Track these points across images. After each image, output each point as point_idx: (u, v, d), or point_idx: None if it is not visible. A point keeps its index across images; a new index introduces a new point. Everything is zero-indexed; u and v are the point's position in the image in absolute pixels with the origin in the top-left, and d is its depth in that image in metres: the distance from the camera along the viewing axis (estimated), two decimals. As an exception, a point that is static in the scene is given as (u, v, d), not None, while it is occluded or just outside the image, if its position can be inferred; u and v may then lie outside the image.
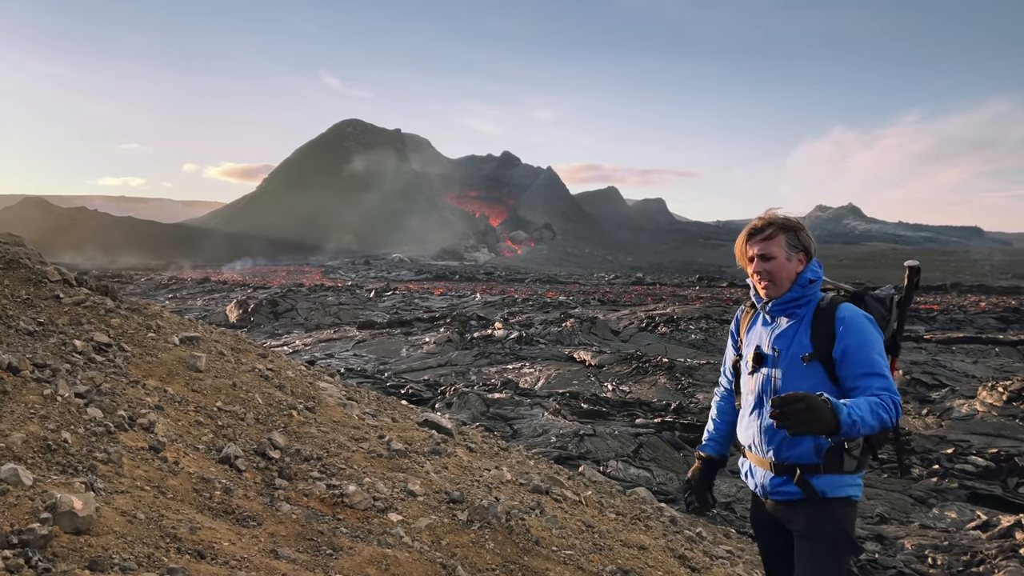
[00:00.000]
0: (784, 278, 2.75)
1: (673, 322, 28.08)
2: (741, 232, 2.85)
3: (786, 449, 2.73)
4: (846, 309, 2.69)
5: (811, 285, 2.77)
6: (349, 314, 32.29)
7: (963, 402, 15.00)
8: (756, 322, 2.94)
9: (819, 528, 2.71)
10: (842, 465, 2.69)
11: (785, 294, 2.77)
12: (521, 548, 3.66)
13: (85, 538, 2.39)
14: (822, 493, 2.69)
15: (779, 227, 2.75)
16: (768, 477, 2.81)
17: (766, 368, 2.81)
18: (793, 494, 2.75)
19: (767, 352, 2.81)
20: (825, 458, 2.68)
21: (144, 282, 48.64)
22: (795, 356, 2.72)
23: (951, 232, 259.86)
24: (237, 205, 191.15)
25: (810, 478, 2.70)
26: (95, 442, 3.24)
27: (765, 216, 2.81)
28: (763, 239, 2.75)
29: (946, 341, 24.99)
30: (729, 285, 57.81)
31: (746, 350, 2.94)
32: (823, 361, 2.68)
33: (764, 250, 2.75)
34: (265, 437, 4.24)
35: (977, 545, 7.83)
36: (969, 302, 42.63)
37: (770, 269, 2.75)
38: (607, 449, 11.13)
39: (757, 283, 2.81)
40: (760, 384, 2.82)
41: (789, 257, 2.75)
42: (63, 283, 5.99)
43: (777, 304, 2.79)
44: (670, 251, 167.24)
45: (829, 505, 2.70)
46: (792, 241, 2.75)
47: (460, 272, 79.70)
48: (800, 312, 2.77)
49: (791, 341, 2.75)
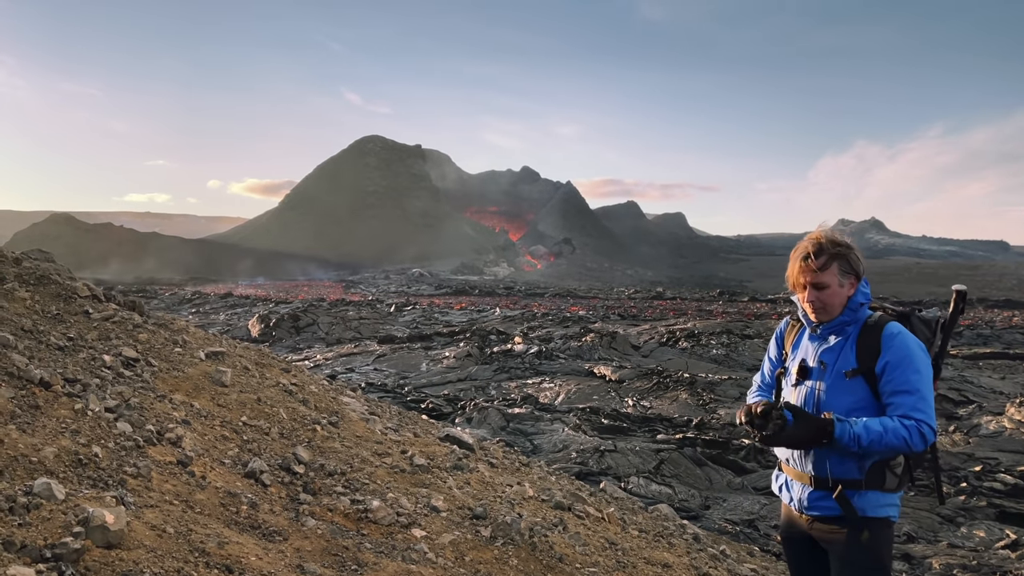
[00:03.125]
0: (836, 305, 2.77)
1: (694, 337, 27.90)
2: (794, 254, 2.81)
3: (828, 463, 2.73)
4: (894, 327, 2.71)
5: (861, 308, 2.79)
6: (370, 328, 32.44)
7: (991, 419, 14.75)
8: (803, 336, 2.95)
9: (854, 552, 2.69)
10: (884, 482, 2.70)
11: (836, 318, 2.78)
12: (544, 565, 3.65)
13: (116, 552, 2.43)
14: (861, 511, 2.69)
15: (832, 256, 2.73)
16: (807, 491, 2.80)
17: (811, 381, 2.83)
18: (831, 509, 2.74)
19: (812, 365, 2.83)
20: (867, 474, 2.68)
21: (168, 297, 49.25)
22: (839, 371, 2.74)
23: (976, 246, 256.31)
24: (259, 220, 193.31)
25: (851, 495, 2.69)
26: (125, 456, 3.29)
27: (817, 238, 2.77)
28: (818, 268, 2.73)
29: (973, 357, 24.62)
30: (751, 300, 57.40)
31: (791, 363, 2.95)
32: (866, 377, 2.69)
33: (817, 280, 2.74)
34: (290, 452, 4.27)
35: (1006, 565, 7.67)
36: (1001, 318, 41.99)
37: (823, 299, 2.76)
38: (628, 465, 11.07)
39: (808, 309, 2.81)
40: (804, 397, 2.83)
41: (842, 284, 2.75)
42: (92, 299, 6.10)
43: (827, 327, 2.81)
44: (690, 265, 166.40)
45: (868, 525, 2.68)
46: (844, 267, 2.75)
47: (480, 287, 79.82)
48: (848, 329, 2.79)
49: (837, 356, 2.77)
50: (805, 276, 2.76)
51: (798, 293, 2.84)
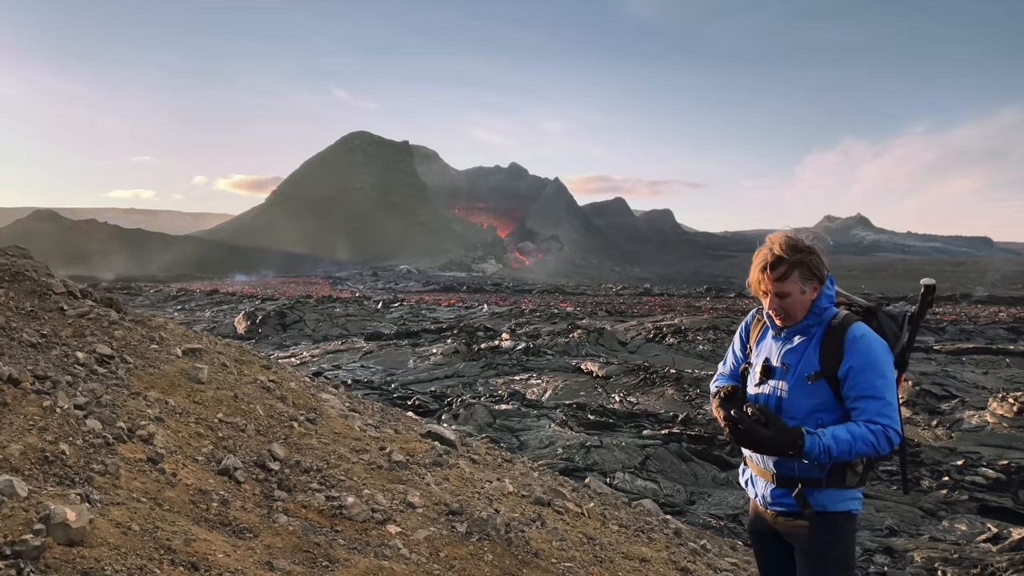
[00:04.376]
0: (799, 310, 2.76)
1: (681, 333, 27.99)
2: (755, 260, 2.79)
3: (788, 462, 2.73)
4: (857, 330, 2.69)
5: (825, 311, 2.78)
6: (357, 325, 32.34)
7: (973, 413, 14.87)
8: (767, 332, 2.94)
9: (820, 547, 2.72)
10: (844, 480, 2.72)
11: (800, 322, 2.78)
12: (520, 560, 3.63)
13: (78, 549, 2.39)
14: (822, 507, 2.71)
15: (792, 264, 2.70)
16: (769, 488, 2.82)
17: (773, 381, 2.82)
18: (794, 505, 2.76)
19: (776, 365, 2.82)
20: (828, 474, 2.69)
21: (153, 294, 48.89)
22: (802, 374, 2.74)
23: (961, 242, 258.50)
24: (246, 217, 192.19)
25: (810, 492, 2.71)
26: (93, 454, 3.24)
27: (776, 246, 2.73)
28: (777, 279, 2.71)
29: (956, 352, 24.82)
30: (737, 296, 57.68)
31: (755, 359, 2.94)
32: (829, 380, 2.69)
33: (779, 289, 2.72)
34: (265, 449, 4.23)
35: (988, 558, 7.73)
36: (987, 313, 42.35)
37: (785, 306, 2.75)
38: (614, 461, 11.07)
39: (772, 314, 2.81)
40: (766, 397, 2.83)
41: (803, 291, 2.74)
42: (67, 295, 6.02)
43: (791, 330, 2.81)
44: (678, 262, 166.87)
45: (830, 520, 2.70)
46: (805, 274, 2.72)
47: (468, 283, 79.74)
48: (813, 330, 2.78)
49: (800, 358, 2.76)
50: (766, 284, 2.75)
51: (761, 298, 2.84)
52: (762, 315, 2.98)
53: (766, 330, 2.95)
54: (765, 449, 2.63)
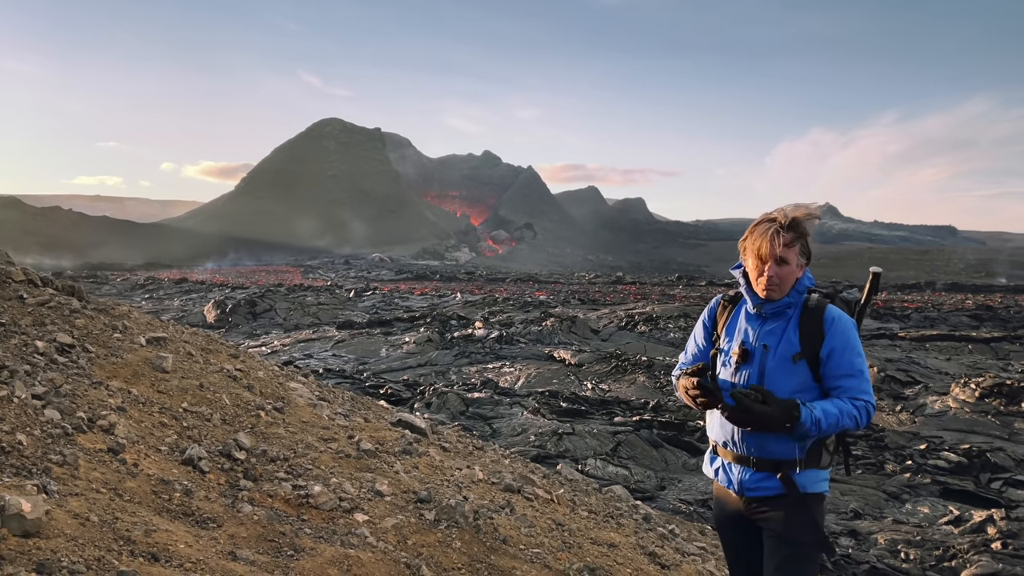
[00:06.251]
0: (789, 284, 2.78)
1: (652, 321, 28.19)
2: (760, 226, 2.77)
3: (768, 445, 2.75)
4: (833, 311, 2.76)
5: (804, 291, 2.83)
6: (328, 314, 32.09)
7: (936, 399, 15.18)
8: (738, 316, 2.93)
9: (795, 529, 2.74)
10: (820, 460, 2.78)
11: (783, 299, 2.80)
12: (488, 547, 3.63)
13: (34, 541, 2.34)
14: (802, 488, 2.75)
15: (798, 235, 2.75)
16: (747, 473, 2.82)
17: (753, 364, 2.82)
18: (772, 489, 2.78)
19: (755, 347, 2.83)
20: (807, 454, 2.75)
21: (120, 282, 48.02)
22: (784, 354, 2.76)
23: (926, 231, 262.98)
24: (215, 204, 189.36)
25: (791, 474, 2.75)
26: (51, 444, 3.18)
27: (791, 215, 2.74)
28: (786, 244, 2.72)
29: (920, 339, 25.29)
30: (708, 284, 58.18)
31: (725, 344, 2.93)
32: (809, 360, 2.73)
33: (784, 254, 2.73)
34: (231, 438, 4.18)
35: (949, 540, 7.91)
36: (954, 300, 43.15)
37: (782, 275, 2.76)
38: (586, 448, 11.14)
39: (762, 283, 2.78)
40: (745, 380, 2.82)
41: (798, 264, 2.78)
42: (28, 283, 5.88)
43: (771, 306, 2.81)
44: (650, 250, 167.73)
45: (805, 501, 2.74)
46: (803, 249, 2.79)
47: (441, 272, 79.46)
48: (789, 311, 2.81)
49: (780, 339, 2.78)
50: (772, 247, 2.73)
51: (754, 265, 2.80)
52: (728, 299, 2.99)
53: (736, 314, 2.94)
54: (765, 426, 2.63)
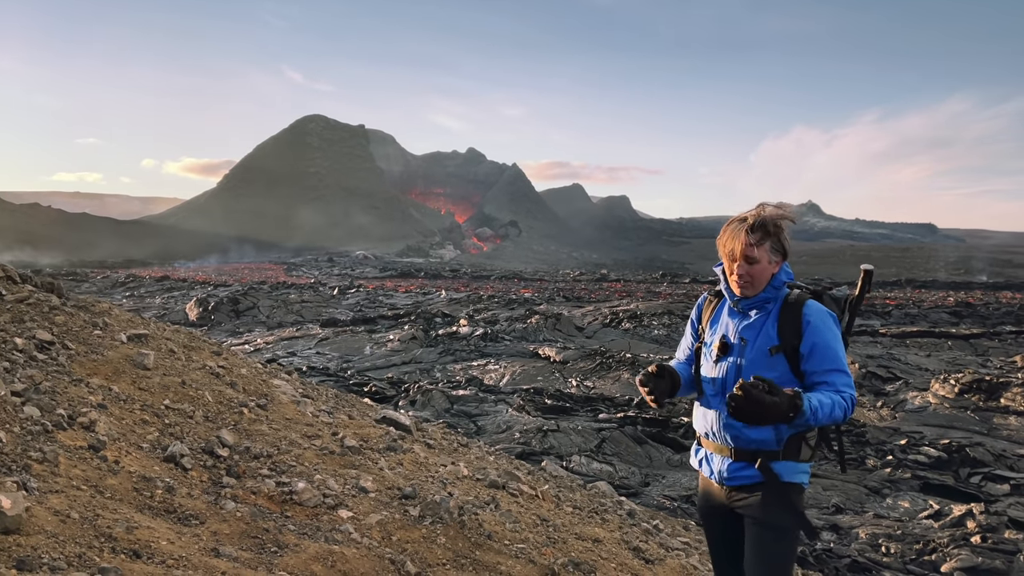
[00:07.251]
0: (762, 281, 2.81)
1: (636, 318, 28.28)
2: (731, 224, 2.83)
3: (747, 436, 2.79)
4: (813, 306, 2.79)
5: (782, 287, 2.85)
6: (312, 312, 31.95)
7: (916, 394, 15.35)
8: (721, 311, 2.99)
9: (774, 515, 2.79)
10: (799, 454, 2.80)
11: (759, 295, 2.83)
12: (473, 543, 3.63)
13: (14, 537, 2.31)
14: (780, 477, 2.78)
15: (767, 233, 2.78)
16: (727, 463, 2.87)
17: (732, 357, 2.86)
18: (751, 478, 2.82)
19: (733, 342, 2.87)
20: (785, 446, 2.78)
21: (100, 280, 47.52)
22: (762, 348, 2.80)
23: (906, 229, 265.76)
24: (198, 201, 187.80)
25: (769, 464, 2.78)
26: (31, 441, 3.14)
27: (760, 213, 2.79)
28: (753, 243, 2.76)
29: (900, 335, 25.56)
30: (692, 282, 58.46)
31: (709, 337, 2.98)
32: (787, 354, 2.76)
33: (751, 253, 2.77)
34: (214, 435, 4.15)
35: (929, 534, 8.01)
36: (936, 297, 43.60)
37: (752, 273, 2.80)
38: (570, 444, 11.16)
39: (735, 281, 2.84)
40: (725, 372, 2.87)
41: (771, 261, 2.81)
42: (6, 280, 5.81)
43: (747, 302, 2.86)
44: (634, 248, 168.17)
45: (783, 489, 2.77)
46: (776, 246, 2.81)
47: (425, 269, 79.29)
48: (768, 306, 2.84)
49: (758, 333, 2.82)
50: (740, 247, 2.78)
51: (726, 263, 2.86)
52: (714, 295, 3.04)
53: (720, 309, 3.00)
54: (769, 416, 2.62)
